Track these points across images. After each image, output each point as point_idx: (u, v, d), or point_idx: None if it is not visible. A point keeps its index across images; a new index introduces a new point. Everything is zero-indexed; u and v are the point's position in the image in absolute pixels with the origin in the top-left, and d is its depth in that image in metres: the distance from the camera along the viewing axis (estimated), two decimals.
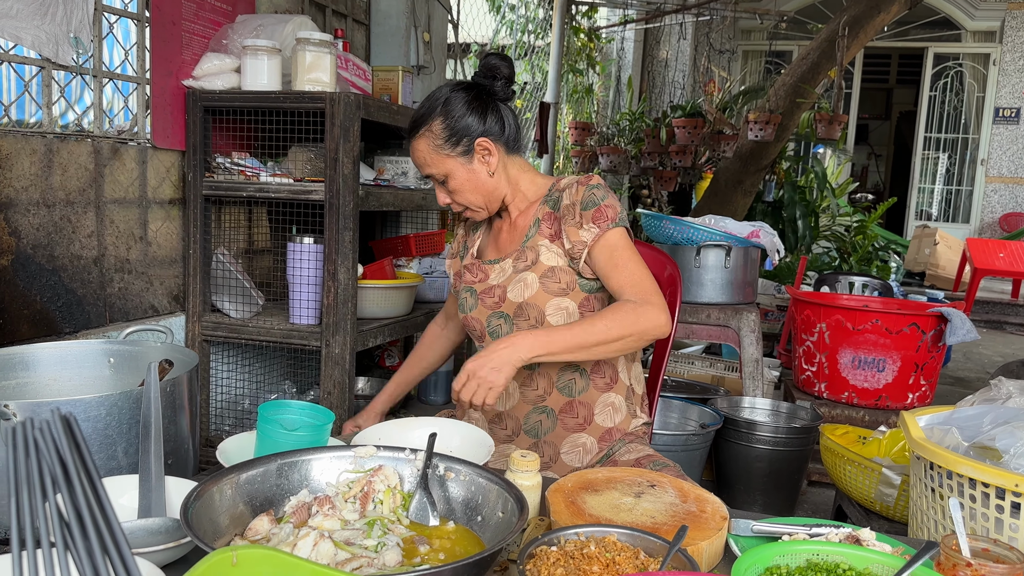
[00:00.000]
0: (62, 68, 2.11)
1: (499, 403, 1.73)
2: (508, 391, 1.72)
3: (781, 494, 3.04)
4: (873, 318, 3.21)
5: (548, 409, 1.71)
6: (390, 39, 3.53)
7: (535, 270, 1.68)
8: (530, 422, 1.72)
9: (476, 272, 1.78)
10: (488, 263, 1.77)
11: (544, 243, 1.69)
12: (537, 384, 1.71)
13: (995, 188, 10.33)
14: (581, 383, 1.72)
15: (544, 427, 1.71)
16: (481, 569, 0.97)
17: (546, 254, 1.68)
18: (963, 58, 10.37)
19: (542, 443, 1.71)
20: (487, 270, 1.76)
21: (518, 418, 1.72)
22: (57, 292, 2.11)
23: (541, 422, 1.71)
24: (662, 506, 1.24)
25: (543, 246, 1.69)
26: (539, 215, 1.73)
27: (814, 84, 5.49)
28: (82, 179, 2.16)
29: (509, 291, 1.70)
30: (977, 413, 1.66)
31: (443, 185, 1.72)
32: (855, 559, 1.05)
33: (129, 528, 1.12)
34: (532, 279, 1.67)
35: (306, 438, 1.31)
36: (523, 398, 1.72)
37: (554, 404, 1.71)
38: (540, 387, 1.71)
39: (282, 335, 2.44)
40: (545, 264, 1.67)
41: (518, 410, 1.72)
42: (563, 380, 1.71)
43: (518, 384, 1.71)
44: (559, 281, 1.66)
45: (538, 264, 1.68)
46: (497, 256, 1.78)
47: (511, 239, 1.77)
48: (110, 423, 1.35)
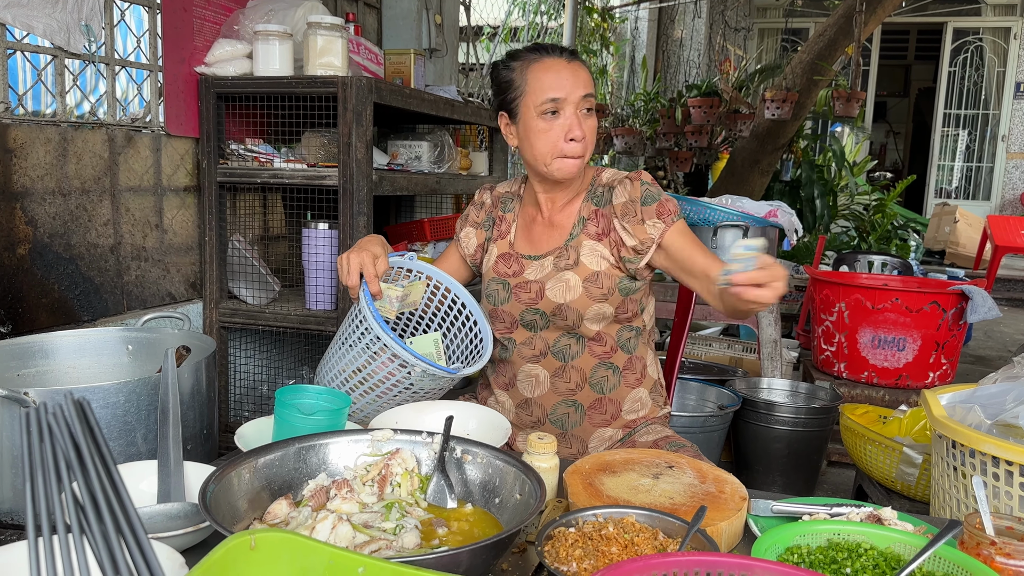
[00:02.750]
0: (74, 56, 2.11)
1: (528, 389, 1.71)
2: (539, 378, 1.69)
3: (801, 475, 3.03)
4: (893, 297, 3.18)
5: (577, 403, 1.69)
6: (402, 22, 3.51)
7: (578, 272, 1.63)
8: (557, 413, 1.69)
9: (511, 264, 1.72)
10: (526, 258, 1.70)
11: (589, 243, 1.64)
12: (570, 377, 1.68)
13: (1016, 164, 10.18)
14: (613, 380, 1.69)
15: (571, 420, 1.69)
16: (499, 551, 0.97)
17: (590, 256, 1.63)
18: (983, 32, 10.20)
19: (569, 435, 1.70)
20: (524, 265, 1.70)
21: (545, 407, 1.70)
22: (75, 280, 2.12)
23: (568, 415, 1.69)
24: (680, 487, 1.23)
25: (588, 247, 1.64)
26: (583, 213, 1.67)
27: (831, 61, 5.42)
28: (97, 168, 2.17)
29: (548, 289, 1.64)
30: (1000, 391, 1.64)
31: (587, 113, 1.60)
32: (877, 538, 1.04)
33: (148, 513, 1.12)
34: (575, 282, 1.62)
35: (323, 422, 1.31)
36: (553, 388, 1.69)
37: (584, 399, 1.68)
38: (572, 380, 1.68)
39: (299, 321, 2.45)
40: (588, 268, 1.63)
41: (546, 399, 1.70)
42: (596, 376, 1.68)
43: (549, 373, 1.69)
44: (601, 287, 1.62)
45: (581, 266, 1.63)
46: (532, 251, 1.71)
47: (549, 235, 1.71)
48: (129, 410, 1.36)
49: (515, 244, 1.75)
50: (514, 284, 1.69)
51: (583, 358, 1.67)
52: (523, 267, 1.69)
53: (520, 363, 1.71)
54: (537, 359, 1.69)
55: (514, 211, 1.78)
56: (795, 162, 6.77)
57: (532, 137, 1.61)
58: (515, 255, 1.72)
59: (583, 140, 1.59)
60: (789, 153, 6.57)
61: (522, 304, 1.67)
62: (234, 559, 0.78)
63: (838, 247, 7.03)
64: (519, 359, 1.71)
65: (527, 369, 1.70)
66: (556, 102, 1.57)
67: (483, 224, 1.82)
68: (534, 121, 1.60)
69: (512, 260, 1.72)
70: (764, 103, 5.17)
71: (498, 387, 1.76)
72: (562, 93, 1.57)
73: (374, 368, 1.52)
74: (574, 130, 1.57)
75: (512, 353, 1.71)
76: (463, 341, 1.73)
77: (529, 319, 1.68)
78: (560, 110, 1.58)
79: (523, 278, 1.68)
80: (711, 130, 5.65)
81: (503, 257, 1.74)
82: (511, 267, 1.71)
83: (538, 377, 1.70)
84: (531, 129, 1.61)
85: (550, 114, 1.58)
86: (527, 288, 1.67)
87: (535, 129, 1.60)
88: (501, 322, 1.72)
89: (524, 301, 1.67)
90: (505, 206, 1.80)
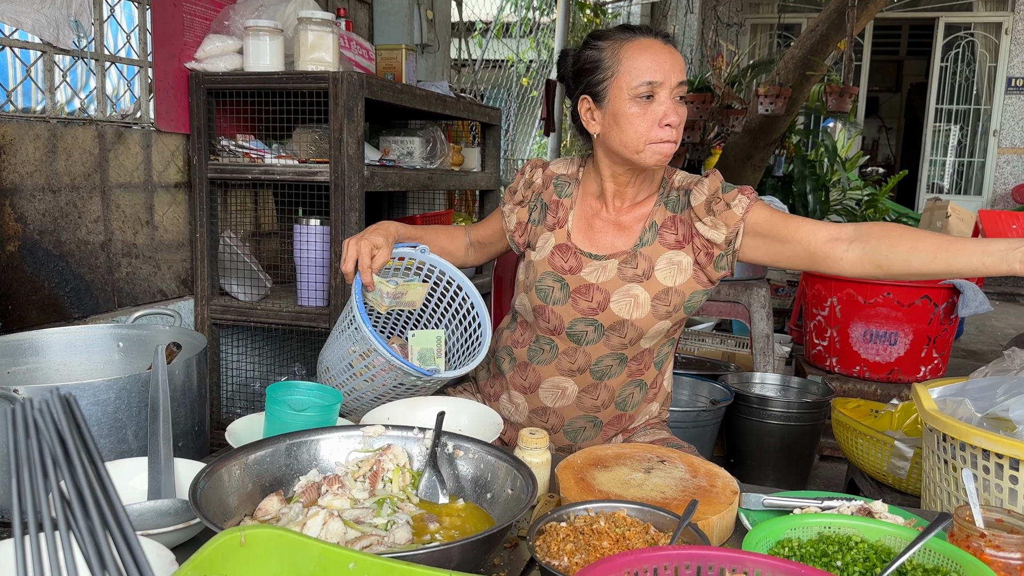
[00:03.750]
0: (63, 52, 2.10)
1: (550, 399, 1.65)
2: (566, 391, 1.63)
3: (793, 469, 3.04)
4: (884, 291, 3.19)
5: (597, 420, 1.65)
6: (393, 17, 3.50)
7: (647, 287, 1.54)
8: (574, 426, 1.65)
9: (568, 257, 1.60)
10: (586, 255, 1.59)
11: (665, 256, 1.55)
12: (599, 395, 1.62)
13: (1007, 159, 10.21)
14: (638, 396, 1.65)
15: (586, 434, 1.66)
16: (491, 546, 0.97)
17: (666, 270, 1.54)
18: (975, 27, 10.23)
19: (576, 447, 1.66)
20: (583, 262, 1.59)
21: (564, 418, 1.64)
22: (65, 277, 2.11)
23: (585, 428, 1.65)
24: (672, 481, 1.23)
25: (664, 259, 1.55)
26: (656, 218, 1.58)
27: (823, 56, 5.43)
28: (87, 164, 2.16)
29: (614, 302, 1.54)
30: (990, 384, 1.64)
31: (680, 100, 1.51)
32: (867, 531, 1.05)
33: (138, 510, 1.12)
34: (644, 298, 1.54)
35: (315, 418, 1.31)
36: (577, 403, 1.63)
37: (605, 416, 1.65)
38: (600, 398, 1.62)
39: (291, 317, 2.44)
40: (661, 283, 1.54)
41: (567, 411, 1.64)
42: (623, 394, 1.63)
43: (578, 388, 1.62)
44: (669, 304, 1.54)
45: (652, 280, 1.54)
46: (593, 249, 1.60)
47: (614, 235, 1.60)
48: (119, 407, 1.35)
49: (573, 236, 1.63)
50: (573, 287, 1.58)
51: (619, 378, 1.61)
52: (581, 264, 1.59)
53: (551, 373, 1.63)
54: (573, 374, 1.61)
55: (572, 197, 1.66)
56: (787, 157, 6.78)
57: (623, 122, 1.50)
58: (574, 249, 1.61)
59: (678, 126, 1.49)
60: (781, 148, 6.58)
61: (578, 312, 1.57)
62: (224, 555, 0.78)
63: None
64: (553, 369, 1.63)
65: (556, 380, 1.63)
66: (653, 85, 1.47)
67: (529, 203, 1.70)
68: (626, 104, 1.49)
69: (570, 254, 1.60)
70: (757, 98, 5.18)
71: (515, 388, 1.69)
72: (660, 76, 1.47)
73: (357, 357, 1.52)
74: (670, 116, 1.47)
75: (547, 362, 1.63)
76: (462, 335, 1.71)
77: (579, 330, 1.58)
78: (655, 94, 1.48)
79: (582, 279, 1.58)
80: (704, 125, 5.65)
81: (560, 249, 1.62)
82: (568, 262, 1.60)
83: (565, 390, 1.63)
84: (623, 114, 1.49)
85: (645, 98, 1.48)
86: (587, 294, 1.56)
87: (627, 114, 1.49)
88: (545, 321, 1.61)
89: (582, 309, 1.57)
90: (562, 190, 1.67)
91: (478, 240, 1.82)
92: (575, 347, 1.60)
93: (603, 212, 1.63)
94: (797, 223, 1.51)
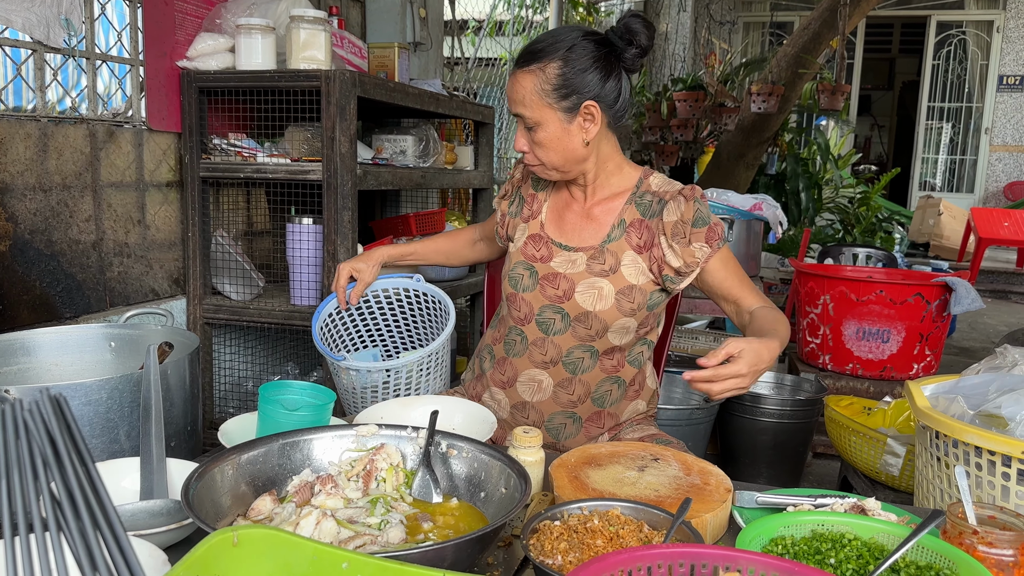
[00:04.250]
0: (54, 51, 2.09)
1: (527, 393, 1.67)
2: (541, 385, 1.66)
3: (786, 467, 3.04)
4: (877, 289, 3.19)
5: (576, 416, 1.66)
6: (386, 16, 3.49)
7: (613, 281, 1.57)
8: (554, 422, 1.66)
9: (540, 247, 1.65)
10: (557, 245, 1.64)
11: (630, 254, 1.58)
12: (574, 390, 1.64)
13: (999, 157, 10.26)
14: (616, 394, 1.66)
15: (567, 431, 1.66)
16: (485, 545, 0.97)
17: (629, 268, 1.58)
18: (966, 26, 10.26)
19: (561, 446, 1.67)
20: (553, 251, 1.63)
21: (543, 414, 1.66)
22: (56, 277, 2.10)
23: (565, 425, 1.66)
24: (666, 479, 1.23)
25: (628, 257, 1.58)
26: (625, 216, 1.61)
27: (816, 54, 5.44)
28: (78, 163, 2.15)
29: (579, 293, 1.58)
30: (982, 381, 1.65)
31: (529, 132, 1.55)
32: (860, 529, 1.05)
33: (131, 510, 1.11)
34: (608, 291, 1.57)
35: (308, 418, 1.31)
36: (554, 398, 1.65)
37: (583, 412, 1.66)
38: (576, 393, 1.64)
39: (283, 316, 2.43)
40: (626, 280, 1.57)
41: (545, 406, 1.65)
42: (600, 391, 1.65)
43: (553, 382, 1.64)
44: (632, 301, 1.57)
45: (618, 275, 1.57)
46: (564, 240, 1.64)
47: (584, 227, 1.64)
48: (111, 406, 1.35)
49: (546, 227, 1.68)
50: (542, 274, 1.63)
51: (592, 372, 1.63)
52: (552, 253, 1.63)
53: (526, 366, 1.66)
54: (546, 365, 1.64)
55: (547, 190, 1.72)
56: (780, 155, 6.79)
57: None
58: (546, 238, 1.66)
59: (529, 155, 1.58)
60: (774, 146, 6.60)
61: (545, 298, 1.62)
62: (216, 555, 0.77)
63: (823, 240, 7.06)
64: (527, 362, 1.66)
65: (531, 373, 1.66)
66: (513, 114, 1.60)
67: (510, 197, 1.78)
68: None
69: (542, 244, 1.65)
70: (749, 96, 5.19)
71: (495, 384, 1.71)
72: (511, 105, 1.59)
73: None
74: (519, 145, 1.59)
75: (520, 354, 1.67)
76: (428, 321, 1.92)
77: (547, 318, 1.62)
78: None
79: (551, 268, 1.62)
80: (696, 124, 5.66)
81: (533, 239, 1.67)
82: (540, 251, 1.65)
83: (541, 383, 1.65)
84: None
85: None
86: (555, 282, 1.61)
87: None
88: (517, 310, 1.66)
89: (549, 296, 1.61)
90: (537, 184, 1.74)
91: (486, 235, 1.95)
92: (544, 337, 1.63)
93: (575, 204, 1.67)
94: (737, 289, 1.61)
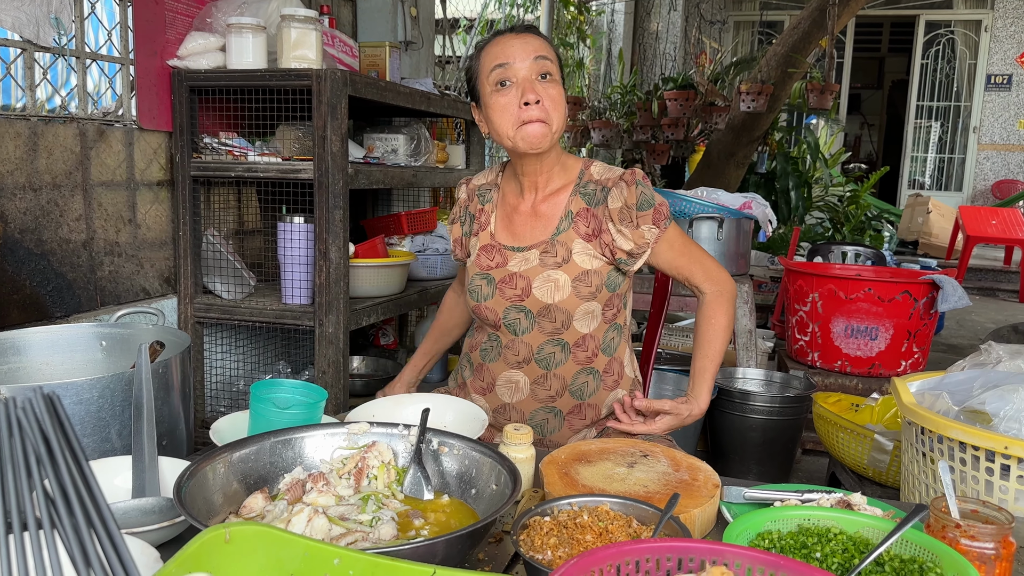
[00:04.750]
0: (44, 50, 2.08)
1: (507, 395, 1.68)
2: (519, 385, 1.67)
3: (775, 463, 3.06)
4: (865, 287, 3.22)
5: (557, 410, 1.67)
6: (377, 15, 3.49)
7: (567, 270, 1.59)
8: (536, 419, 1.67)
9: (493, 255, 1.67)
10: (510, 249, 1.65)
11: (580, 243, 1.61)
12: (551, 385, 1.65)
13: (987, 155, 10.32)
14: (593, 385, 1.67)
15: (550, 426, 1.68)
16: (475, 541, 0.97)
17: (581, 256, 1.60)
18: (955, 25, 10.32)
19: (547, 442, 1.68)
20: (507, 256, 1.65)
21: (524, 413, 1.67)
22: (47, 276, 2.10)
23: (548, 421, 1.67)
24: (655, 475, 1.24)
25: (578, 245, 1.60)
26: (571, 207, 1.63)
27: (805, 54, 5.46)
28: (68, 162, 2.15)
29: (536, 288, 1.60)
30: (967, 378, 1.67)
31: (543, 80, 1.54)
32: (846, 523, 1.06)
33: (123, 508, 1.12)
34: (564, 281, 1.59)
35: (299, 416, 1.32)
36: (532, 395, 1.66)
37: (563, 406, 1.67)
38: (553, 388, 1.66)
39: (275, 315, 2.44)
40: (580, 266, 1.59)
41: (525, 405, 1.67)
42: (577, 383, 1.66)
43: (530, 380, 1.66)
44: (590, 285, 1.59)
45: (571, 264, 1.59)
46: (516, 242, 1.66)
47: (534, 225, 1.66)
48: (103, 405, 1.35)
49: (496, 235, 1.70)
50: (499, 278, 1.64)
51: (566, 366, 1.65)
52: (506, 258, 1.65)
53: (502, 369, 1.68)
54: (520, 365, 1.66)
55: (493, 201, 1.73)
56: (770, 154, 6.82)
57: (492, 113, 1.57)
58: (497, 246, 1.67)
59: (539, 104, 1.52)
60: (764, 145, 6.62)
61: (507, 300, 1.63)
62: (209, 552, 0.78)
63: (813, 238, 7.09)
64: (503, 364, 1.68)
65: (508, 375, 1.67)
66: (504, 68, 1.53)
67: (460, 219, 1.79)
68: (491, 98, 1.56)
69: (495, 252, 1.67)
70: (739, 96, 5.20)
71: (476, 391, 1.73)
72: (506, 58, 1.53)
73: None
74: (527, 94, 1.52)
75: (496, 358, 1.68)
76: None
77: (513, 318, 1.64)
78: (510, 79, 1.53)
79: (507, 270, 1.64)
80: (687, 123, 5.67)
81: (485, 249, 1.69)
82: (494, 259, 1.66)
83: (518, 383, 1.67)
84: (489, 106, 1.57)
85: (501, 85, 1.54)
86: (512, 283, 1.63)
87: (492, 105, 1.56)
88: (485, 320, 1.68)
89: (509, 297, 1.63)
90: (483, 197, 1.75)
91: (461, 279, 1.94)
92: (514, 338, 1.65)
93: (521, 205, 1.68)
94: (685, 265, 1.67)
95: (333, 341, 2.38)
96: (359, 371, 3.27)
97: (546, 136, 1.55)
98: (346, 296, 2.40)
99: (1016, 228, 7.54)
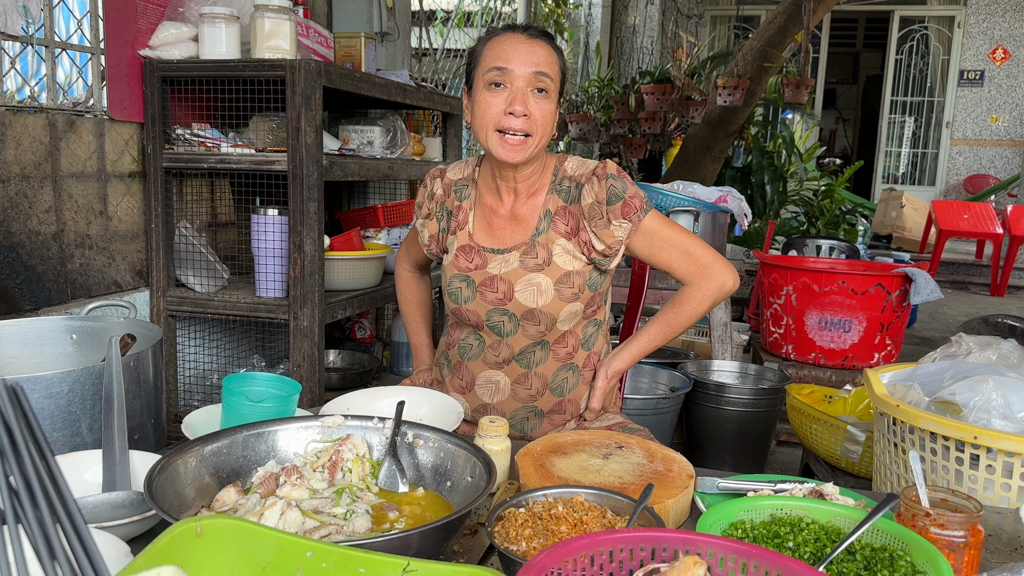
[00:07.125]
0: (12, 38, 2.04)
1: (487, 395, 1.67)
2: (499, 385, 1.66)
3: (750, 454, 3.09)
4: (839, 280, 3.25)
5: (537, 409, 1.66)
6: (352, 5, 3.46)
7: (548, 273, 1.57)
8: (516, 418, 1.66)
9: (472, 258, 1.63)
10: (489, 251, 1.62)
11: (560, 242, 1.58)
12: (531, 384, 1.64)
13: (960, 151, 10.45)
14: (572, 380, 1.67)
15: (530, 424, 1.67)
16: (449, 533, 0.97)
17: (561, 256, 1.58)
18: (928, 21, 10.43)
19: (528, 438, 1.67)
20: (487, 258, 1.62)
21: (505, 412, 1.66)
22: (15, 269, 2.07)
23: (528, 419, 1.67)
24: (629, 466, 1.25)
25: (558, 245, 1.58)
26: (549, 206, 1.60)
27: (781, 48, 5.50)
28: (37, 153, 2.11)
29: (518, 292, 1.58)
30: (938, 369, 1.69)
31: (539, 93, 1.52)
32: (818, 513, 1.07)
33: (93, 502, 1.11)
34: (546, 285, 1.57)
35: (272, 409, 1.30)
36: (513, 395, 1.65)
37: (544, 404, 1.66)
38: (534, 387, 1.65)
39: (249, 309, 2.42)
40: (561, 268, 1.58)
41: (506, 405, 1.66)
42: (557, 380, 1.65)
43: (510, 380, 1.65)
44: (572, 286, 1.58)
45: (552, 267, 1.57)
46: (495, 244, 1.63)
47: (513, 228, 1.63)
48: (73, 399, 1.33)
49: (475, 236, 1.66)
50: (479, 281, 1.61)
51: (547, 363, 1.64)
52: (486, 260, 1.62)
53: (481, 368, 1.66)
54: (500, 365, 1.65)
55: (470, 199, 1.69)
56: (746, 148, 6.86)
57: (477, 108, 1.54)
58: (476, 248, 1.64)
59: (525, 117, 1.50)
60: (740, 139, 6.66)
61: (488, 304, 1.61)
62: (180, 546, 0.77)
63: (788, 232, 7.15)
64: (482, 364, 1.66)
65: (488, 375, 1.66)
66: (502, 72, 1.50)
67: (436, 215, 1.72)
68: (481, 93, 1.53)
69: (474, 253, 1.64)
70: (716, 90, 5.24)
71: (455, 389, 1.72)
72: (509, 64, 1.50)
73: None
74: (515, 104, 1.49)
75: (475, 356, 1.67)
76: None
77: (496, 320, 1.61)
78: (505, 83, 1.50)
79: (487, 273, 1.61)
80: (664, 117, 5.69)
81: (463, 250, 1.65)
82: (473, 261, 1.63)
83: (498, 384, 1.66)
84: (477, 100, 1.54)
85: (494, 85, 1.51)
86: (492, 286, 1.60)
87: (480, 100, 1.54)
88: (466, 321, 1.65)
89: (491, 301, 1.60)
90: (460, 194, 1.70)
91: (420, 264, 1.92)
92: (499, 340, 1.64)
93: (500, 208, 1.65)
94: (663, 259, 1.63)
95: (308, 335, 2.36)
96: (335, 365, 3.26)
97: (524, 151, 1.52)
98: (321, 289, 2.38)
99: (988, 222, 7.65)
